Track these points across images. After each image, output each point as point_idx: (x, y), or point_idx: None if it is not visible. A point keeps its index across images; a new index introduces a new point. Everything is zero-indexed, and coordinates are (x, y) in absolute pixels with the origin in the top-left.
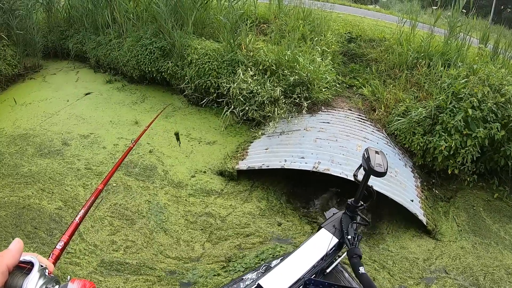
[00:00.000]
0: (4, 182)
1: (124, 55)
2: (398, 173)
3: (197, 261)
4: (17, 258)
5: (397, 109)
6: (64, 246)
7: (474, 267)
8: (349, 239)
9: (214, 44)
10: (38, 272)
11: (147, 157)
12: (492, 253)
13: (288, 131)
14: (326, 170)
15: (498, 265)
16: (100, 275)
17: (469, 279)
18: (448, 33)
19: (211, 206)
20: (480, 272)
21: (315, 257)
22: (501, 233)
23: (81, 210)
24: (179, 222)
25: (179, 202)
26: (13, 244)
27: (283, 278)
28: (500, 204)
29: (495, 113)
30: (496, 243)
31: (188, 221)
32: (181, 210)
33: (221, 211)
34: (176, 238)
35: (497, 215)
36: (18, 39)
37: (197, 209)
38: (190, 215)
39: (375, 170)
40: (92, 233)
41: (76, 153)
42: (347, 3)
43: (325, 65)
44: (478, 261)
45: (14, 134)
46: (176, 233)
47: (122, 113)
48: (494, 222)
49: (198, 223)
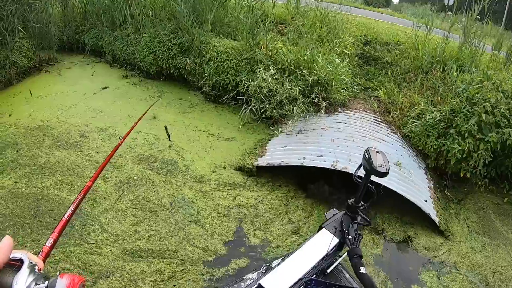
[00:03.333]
0: (22, 173)
1: (141, 50)
2: (413, 174)
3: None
4: (7, 256)
5: (412, 112)
6: (53, 243)
7: (483, 265)
8: (349, 239)
9: (232, 43)
10: (28, 268)
11: (167, 152)
12: (500, 253)
13: (306, 130)
14: (344, 168)
15: (506, 265)
16: (123, 261)
17: (478, 276)
18: (463, 39)
19: (238, 198)
20: (489, 271)
21: (316, 257)
22: (509, 235)
23: (70, 207)
24: (211, 216)
25: (206, 196)
26: (3, 241)
27: (284, 278)
28: (510, 208)
29: (507, 119)
30: (505, 245)
31: (220, 214)
32: (211, 204)
33: (250, 201)
34: (211, 231)
35: (506, 218)
36: (34, 32)
37: (226, 202)
38: (220, 208)
39: (378, 170)
40: (114, 224)
41: (94, 146)
42: (360, 5)
43: (343, 66)
44: (486, 260)
45: (30, 125)
46: (210, 226)
47: (139, 108)
48: (503, 225)
49: (232, 215)
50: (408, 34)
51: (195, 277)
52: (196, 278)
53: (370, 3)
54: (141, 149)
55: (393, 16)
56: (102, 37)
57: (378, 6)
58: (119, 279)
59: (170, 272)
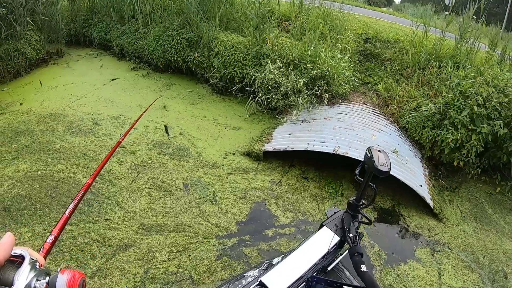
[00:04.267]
0: (37, 157)
1: (149, 44)
2: (409, 161)
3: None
4: (8, 252)
5: (408, 104)
6: (54, 240)
7: (475, 247)
8: (350, 238)
9: (239, 38)
10: (29, 265)
11: (178, 139)
12: (491, 238)
13: (309, 120)
14: (345, 153)
15: (497, 248)
16: (140, 235)
17: (470, 256)
18: (459, 37)
19: (253, 181)
20: (480, 251)
21: (317, 255)
22: (501, 222)
23: (71, 204)
24: (227, 197)
25: (222, 180)
26: (4, 238)
27: (285, 275)
28: (502, 198)
29: (498, 112)
30: (496, 230)
31: (236, 196)
32: (228, 187)
33: (265, 184)
34: (226, 211)
35: (498, 207)
36: (43, 25)
37: (242, 185)
38: (237, 191)
39: (379, 169)
40: (130, 202)
41: (108, 133)
42: (362, 4)
43: (345, 61)
44: (478, 243)
45: (43, 113)
46: (226, 207)
47: (149, 98)
48: (495, 213)
49: (248, 197)
50: (407, 32)
51: (208, 247)
52: (209, 248)
53: (372, 2)
54: (153, 136)
55: (394, 16)
56: (110, 31)
57: (379, 6)
58: (137, 250)
59: (185, 244)
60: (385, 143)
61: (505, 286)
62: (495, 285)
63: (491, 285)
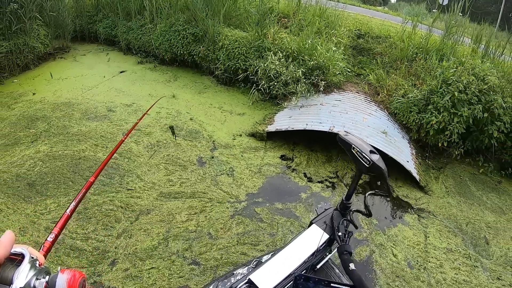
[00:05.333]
0: (56, 140)
1: (156, 39)
2: (397, 141)
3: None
4: (8, 250)
5: (397, 92)
6: (55, 238)
7: (458, 216)
8: (339, 236)
9: (242, 33)
10: (29, 263)
11: (190, 123)
12: (474, 210)
13: (307, 105)
14: (340, 131)
15: (479, 219)
16: (160, 201)
17: (453, 223)
18: (444, 33)
19: (266, 158)
20: (463, 220)
21: (306, 252)
22: (483, 198)
23: (72, 202)
24: (244, 172)
25: (236, 158)
26: (4, 236)
27: (274, 273)
28: (485, 178)
29: (478, 97)
30: (478, 204)
31: (253, 172)
32: (243, 164)
33: (276, 160)
34: (240, 183)
35: (481, 185)
36: (50, 20)
37: (256, 162)
38: (253, 166)
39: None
40: (149, 175)
41: (122, 118)
42: (357, 3)
43: (339, 53)
44: (461, 213)
45: (57, 102)
46: (241, 180)
47: (158, 88)
48: (478, 190)
49: (262, 172)
50: (397, 29)
51: (223, 209)
52: (223, 210)
53: (367, 1)
54: (165, 120)
55: (388, 14)
56: (116, 27)
57: (375, 5)
58: (159, 214)
59: (201, 207)
60: (375, 125)
61: (487, 250)
62: (477, 248)
63: (473, 248)
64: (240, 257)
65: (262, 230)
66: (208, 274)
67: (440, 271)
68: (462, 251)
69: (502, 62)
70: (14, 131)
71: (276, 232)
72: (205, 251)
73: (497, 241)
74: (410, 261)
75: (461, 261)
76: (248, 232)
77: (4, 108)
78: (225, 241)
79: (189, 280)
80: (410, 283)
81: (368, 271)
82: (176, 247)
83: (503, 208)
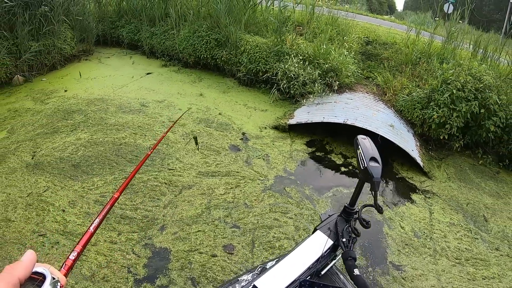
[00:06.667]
0: (95, 129)
1: (180, 44)
2: (402, 133)
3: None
4: (29, 271)
5: (402, 92)
6: (77, 256)
7: (459, 198)
8: (343, 242)
9: (262, 39)
10: (50, 285)
11: (219, 117)
12: (473, 193)
13: (322, 103)
14: (353, 123)
15: (478, 201)
16: (200, 178)
17: (455, 203)
18: (446, 39)
19: (294, 145)
20: (464, 201)
21: (310, 259)
22: (482, 184)
23: (96, 219)
24: (278, 157)
25: (268, 146)
26: (26, 255)
27: (278, 279)
28: (484, 168)
29: (474, 95)
30: (477, 189)
31: (285, 157)
32: (276, 150)
33: (303, 147)
34: (273, 167)
35: (480, 174)
36: (75, 24)
37: (286, 148)
38: (285, 153)
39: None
40: (187, 158)
41: (156, 112)
42: (364, 13)
43: (350, 57)
44: (462, 195)
45: (90, 97)
46: (276, 164)
47: (186, 88)
48: (477, 177)
49: (293, 157)
50: (403, 36)
51: (255, 185)
52: (255, 185)
53: (374, 10)
54: (197, 114)
55: (394, 23)
56: (139, 32)
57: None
58: (199, 188)
59: (236, 183)
60: (383, 119)
61: (485, 226)
62: (476, 224)
63: (473, 224)
64: (274, 222)
65: (290, 203)
66: (247, 235)
67: (444, 241)
68: (464, 226)
69: (498, 65)
70: (51, 122)
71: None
72: (243, 217)
73: (495, 219)
74: (417, 232)
75: (463, 233)
76: (277, 203)
77: (37, 103)
78: (259, 209)
79: (232, 240)
80: (418, 250)
81: (380, 241)
82: (217, 214)
83: (500, 193)
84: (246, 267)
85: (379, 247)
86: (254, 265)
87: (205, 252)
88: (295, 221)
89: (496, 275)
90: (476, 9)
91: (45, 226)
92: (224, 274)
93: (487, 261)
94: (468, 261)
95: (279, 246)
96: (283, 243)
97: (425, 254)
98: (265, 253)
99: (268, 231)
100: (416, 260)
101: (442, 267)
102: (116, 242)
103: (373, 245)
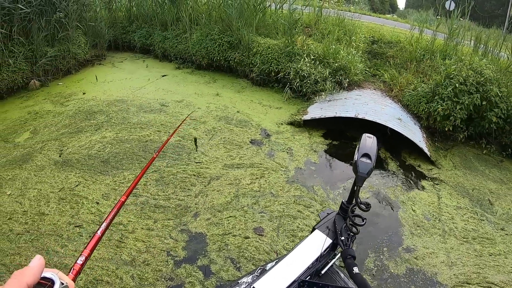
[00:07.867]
0: (119, 128)
1: (193, 47)
2: (410, 126)
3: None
4: (38, 276)
5: (408, 87)
6: (85, 260)
7: (465, 184)
8: (342, 240)
9: (273, 41)
10: None
11: (238, 115)
12: (478, 180)
13: (333, 99)
14: (363, 117)
15: (483, 186)
16: (226, 170)
17: (461, 189)
18: (447, 36)
19: (313, 138)
20: (469, 187)
21: (310, 258)
22: (486, 171)
23: (103, 223)
24: (300, 150)
25: (291, 140)
26: (34, 261)
27: (278, 280)
28: (488, 157)
29: (476, 88)
30: (482, 176)
31: (307, 149)
32: (297, 143)
33: (321, 139)
34: (295, 159)
35: (484, 163)
36: (88, 30)
37: (306, 142)
38: (306, 146)
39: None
40: (211, 152)
41: (176, 111)
42: (367, 12)
43: (358, 56)
44: (467, 182)
45: (109, 99)
46: (299, 157)
47: (202, 88)
48: (481, 165)
49: (314, 149)
50: (406, 34)
51: (278, 175)
52: (278, 176)
53: (376, 10)
54: (216, 112)
55: (397, 22)
56: (151, 36)
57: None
58: (227, 179)
59: (260, 174)
60: (391, 113)
61: (491, 208)
62: (482, 207)
63: (479, 207)
64: (298, 214)
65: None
66: (274, 221)
67: (452, 222)
68: (470, 209)
69: (498, 59)
70: (74, 122)
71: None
72: (269, 205)
73: (499, 203)
74: (427, 215)
75: (470, 215)
76: (302, 196)
77: (57, 105)
78: (284, 199)
79: (261, 223)
80: (429, 230)
81: (393, 223)
82: (246, 202)
83: (504, 180)
84: (274, 248)
85: (396, 227)
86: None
87: (238, 235)
88: (320, 204)
89: (502, 252)
90: (477, 5)
91: (80, 218)
92: (259, 254)
93: (493, 240)
94: (475, 240)
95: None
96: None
97: (435, 234)
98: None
99: (293, 221)
100: (428, 240)
101: (451, 245)
102: (153, 229)
103: (390, 226)
